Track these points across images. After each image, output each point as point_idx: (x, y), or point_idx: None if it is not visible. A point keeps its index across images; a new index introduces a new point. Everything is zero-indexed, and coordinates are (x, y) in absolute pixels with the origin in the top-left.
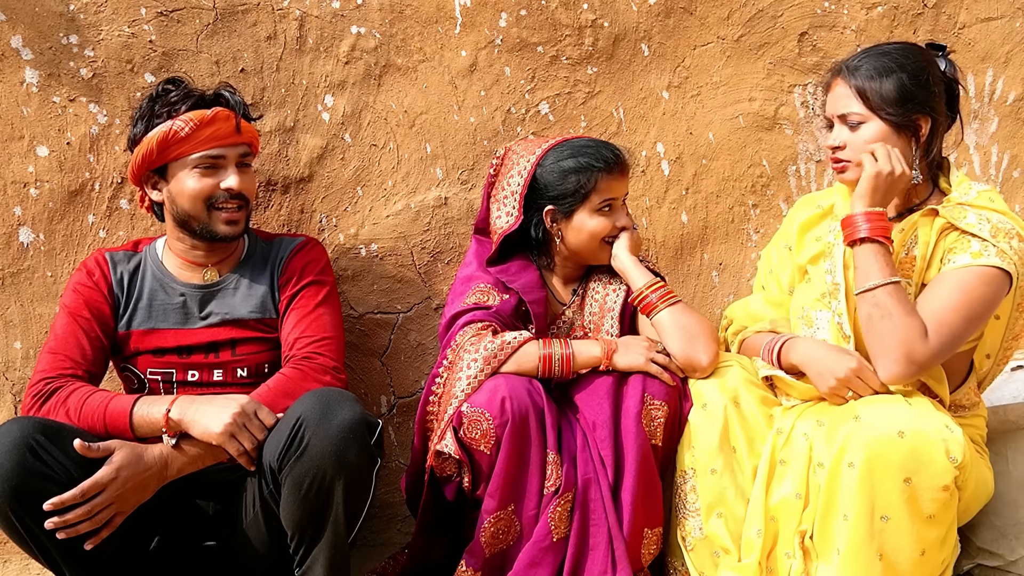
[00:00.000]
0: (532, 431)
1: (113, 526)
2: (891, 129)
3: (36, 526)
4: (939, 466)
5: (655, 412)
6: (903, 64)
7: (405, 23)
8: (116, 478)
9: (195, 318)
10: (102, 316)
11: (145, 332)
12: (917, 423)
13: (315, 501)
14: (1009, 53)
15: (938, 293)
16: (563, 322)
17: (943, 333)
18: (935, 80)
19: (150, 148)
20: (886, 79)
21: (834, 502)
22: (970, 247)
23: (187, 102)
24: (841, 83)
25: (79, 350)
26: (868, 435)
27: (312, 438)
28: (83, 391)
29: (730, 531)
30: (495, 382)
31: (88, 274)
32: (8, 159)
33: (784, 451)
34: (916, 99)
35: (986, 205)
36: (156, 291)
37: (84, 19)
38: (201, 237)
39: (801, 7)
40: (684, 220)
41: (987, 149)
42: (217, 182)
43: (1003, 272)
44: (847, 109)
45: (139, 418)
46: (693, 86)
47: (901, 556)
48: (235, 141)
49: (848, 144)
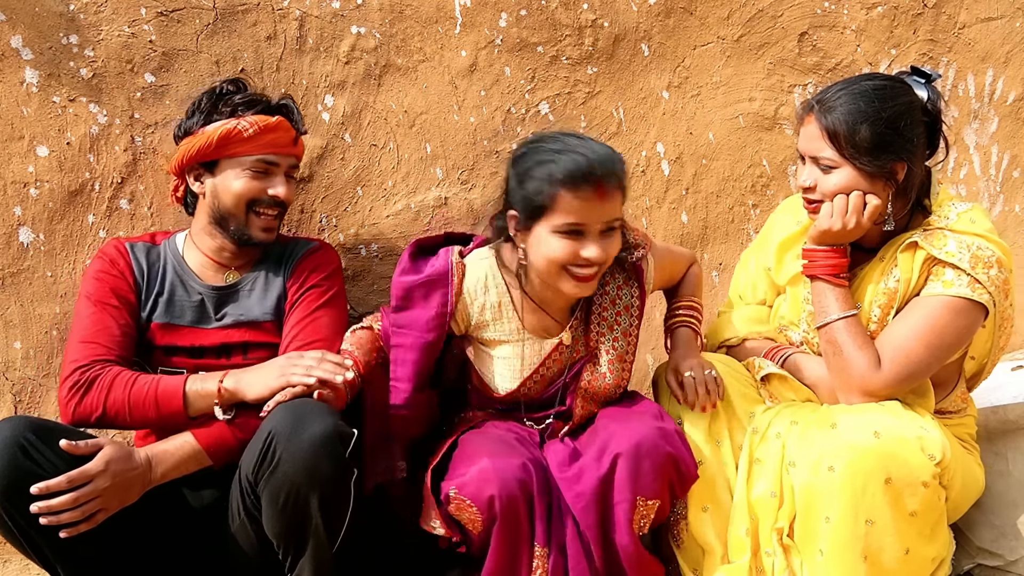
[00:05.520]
0: (522, 526)
1: (94, 522)
2: (863, 177)
3: (28, 525)
4: (917, 462)
5: (645, 511)
6: (879, 110)
7: (405, 23)
8: (104, 470)
9: (210, 319)
10: (129, 303)
11: (162, 326)
12: (891, 424)
13: (293, 514)
14: (1009, 53)
15: (905, 322)
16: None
17: (901, 362)
18: (914, 123)
19: (210, 141)
20: (861, 125)
21: (814, 504)
22: (943, 276)
23: (253, 107)
24: (814, 123)
25: (109, 336)
26: (846, 441)
27: (284, 453)
28: (125, 376)
29: (715, 526)
30: (484, 468)
31: (111, 262)
32: (8, 159)
33: (760, 450)
34: (891, 148)
35: (967, 229)
36: (176, 287)
37: (84, 19)
38: (233, 237)
39: (801, 7)
40: (684, 220)
41: (987, 149)
42: (265, 187)
43: (975, 303)
44: (819, 153)
45: (193, 392)
46: (693, 86)
47: (885, 555)
48: (290, 151)
49: (818, 186)
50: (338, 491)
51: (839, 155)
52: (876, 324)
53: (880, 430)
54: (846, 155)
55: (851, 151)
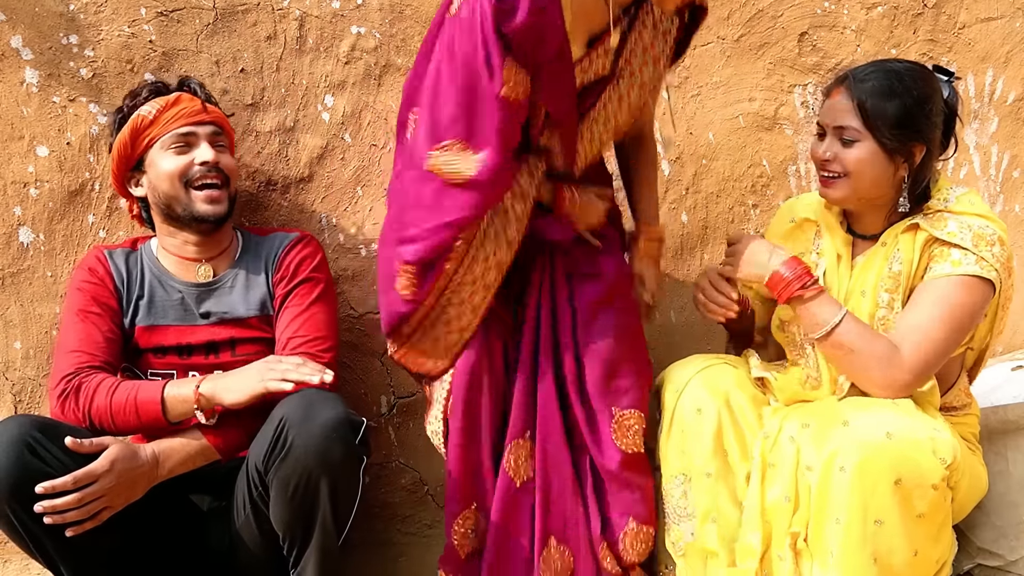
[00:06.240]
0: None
1: (99, 520)
2: (884, 152)
3: (34, 524)
4: (928, 465)
5: (630, 422)
6: (910, 88)
7: (405, 23)
8: (109, 470)
9: (194, 315)
10: (111, 308)
11: (146, 328)
12: (904, 424)
13: (302, 502)
14: (1009, 53)
15: (919, 307)
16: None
17: (925, 347)
18: (937, 110)
19: (124, 141)
20: (891, 100)
21: (826, 506)
22: (950, 256)
23: (151, 95)
24: (844, 93)
25: (94, 344)
26: (858, 439)
27: (296, 438)
28: (108, 382)
29: (721, 536)
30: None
31: (90, 271)
32: (8, 159)
33: (772, 454)
34: (916, 126)
35: (966, 210)
36: (155, 287)
37: (84, 19)
38: (187, 223)
39: (801, 7)
40: (684, 220)
41: (987, 149)
42: (191, 158)
43: (984, 280)
44: (844, 122)
45: (171, 398)
46: (693, 86)
47: (895, 558)
48: (203, 119)
49: (837, 158)
50: (348, 477)
51: (864, 126)
52: (885, 308)
53: (892, 431)
54: (871, 126)
55: (878, 122)
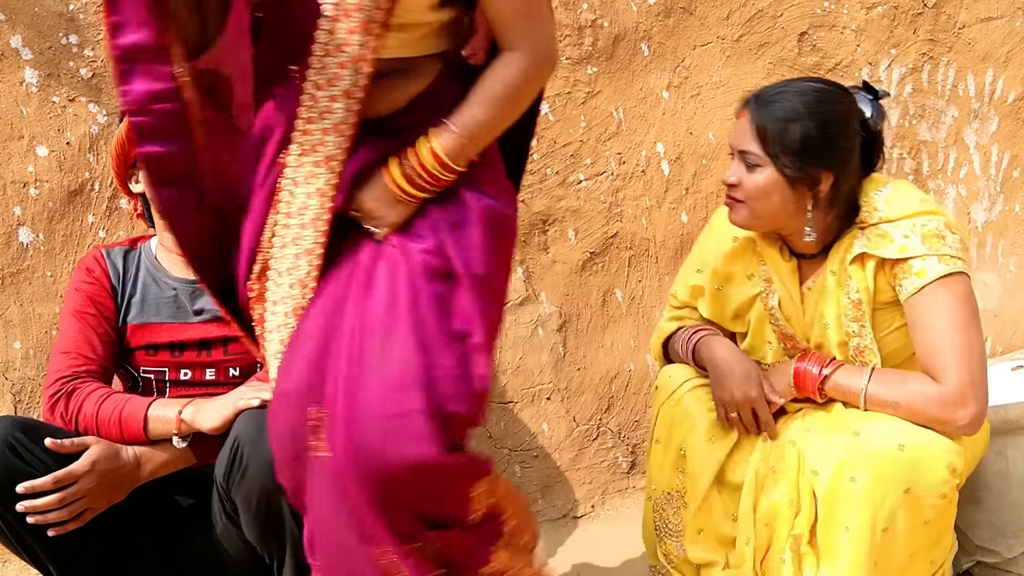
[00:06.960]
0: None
1: (82, 520)
2: (785, 181)
3: (18, 524)
4: (938, 475)
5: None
6: (815, 112)
7: None
8: (91, 471)
9: (187, 312)
10: (107, 311)
11: (138, 326)
12: (916, 435)
13: (267, 519)
14: (1009, 53)
15: (920, 330)
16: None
17: (964, 358)
18: (848, 134)
19: (121, 138)
20: (791, 125)
21: (835, 513)
22: (912, 269)
23: None
24: (747, 116)
25: (90, 347)
26: (870, 451)
27: (250, 457)
28: (99, 392)
29: (710, 547)
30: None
31: (87, 271)
32: (8, 159)
33: (773, 458)
34: (819, 153)
35: (903, 213)
36: (149, 285)
37: (84, 19)
38: None
39: (801, 7)
40: (684, 220)
41: (987, 149)
42: None
43: (957, 274)
44: (746, 147)
45: (154, 418)
46: (693, 86)
47: (894, 561)
48: None
49: (742, 184)
50: None
51: (764, 152)
52: (858, 337)
53: (905, 443)
54: (770, 153)
55: (777, 148)
